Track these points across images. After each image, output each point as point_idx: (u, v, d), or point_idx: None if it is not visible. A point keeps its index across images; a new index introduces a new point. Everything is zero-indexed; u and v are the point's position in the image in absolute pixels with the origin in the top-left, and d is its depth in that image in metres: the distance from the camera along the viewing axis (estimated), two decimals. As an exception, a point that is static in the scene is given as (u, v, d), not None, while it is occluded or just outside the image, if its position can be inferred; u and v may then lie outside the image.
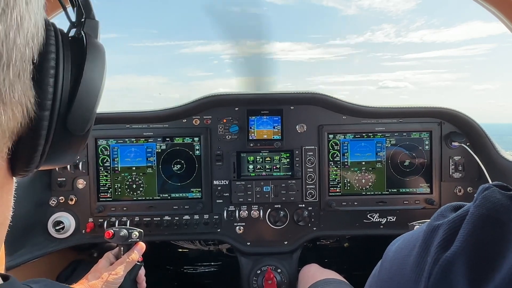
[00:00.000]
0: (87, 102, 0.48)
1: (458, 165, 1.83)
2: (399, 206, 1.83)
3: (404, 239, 0.61)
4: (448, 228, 0.48)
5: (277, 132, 1.81)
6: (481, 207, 0.46)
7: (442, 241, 0.47)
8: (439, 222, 0.51)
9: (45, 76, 0.42)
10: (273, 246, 1.85)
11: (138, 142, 1.82)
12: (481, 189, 0.49)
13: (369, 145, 1.85)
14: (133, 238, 1.36)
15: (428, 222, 0.54)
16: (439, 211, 0.55)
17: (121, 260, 1.30)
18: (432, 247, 0.48)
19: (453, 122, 1.83)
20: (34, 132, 0.42)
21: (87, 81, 0.48)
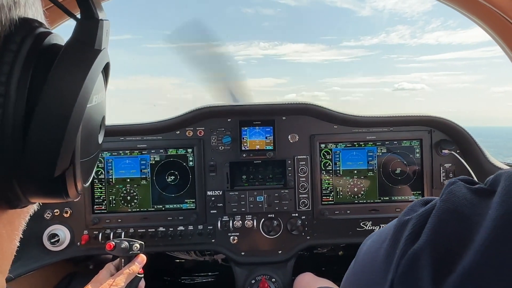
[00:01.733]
0: (47, 139, 0.38)
1: (449, 172, 1.85)
2: (392, 214, 1.85)
3: (376, 234, 0.63)
4: (416, 222, 0.50)
5: (270, 143, 1.83)
6: (447, 202, 0.48)
7: (410, 234, 0.49)
8: (409, 216, 0.52)
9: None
10: (267, 256, 1.86)
11: (132, 154, 1.84)
12: (447, 183, 0.51)
13: (360, 153, 1.87)
14: (134, 250, 1.37)
15: (398, 217, 0.55)
16: (409, 206, 0.56)
17: (121, 272, 1.31)
18: (401, 240, 0.50)
19: (442, 130, 1.86)
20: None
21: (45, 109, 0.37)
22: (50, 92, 0.37)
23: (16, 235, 0.47)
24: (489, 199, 0.46)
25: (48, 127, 0.37)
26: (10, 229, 0.45)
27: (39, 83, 0.37)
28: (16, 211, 0.45)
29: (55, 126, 0.37)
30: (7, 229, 0.44)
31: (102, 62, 0.44)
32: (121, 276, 1.28)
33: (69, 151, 0.40)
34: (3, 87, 0.34)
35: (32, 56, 0.37)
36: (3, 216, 0.43)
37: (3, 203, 0.41)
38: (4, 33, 0.36)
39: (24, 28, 0.38)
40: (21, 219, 0.48)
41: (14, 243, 0.46)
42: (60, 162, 0.39)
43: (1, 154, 0.36)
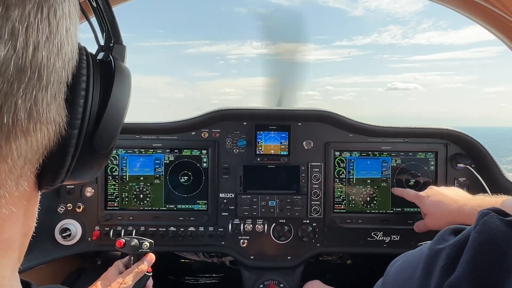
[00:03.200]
0: (113, 122, 0.50)
1: (463, 186, 1.84)
2: (403, 226, 1.84)
3: (405, 259, 0.62)
4: (450, 252, 0.49)
5: (284, 148, 1.83)
6: (482, 233, 0.48)
7: (445, 265, 0.49)
8: (441, 246, 0.52)
9: (76, 97, 0.44)
10: (276, 261, 1.86)
11: (147, 152, 1.84)
12: (480, 214, 0.51)
13: (374, 163, 1.87)
14: (143, 248, 1.37)
15: (429, 245, 0.55)
16: (439, 235, 0.56)
17: (130, 270, 1.31)
18: (435, 271, 0.50)
19: (458, 143, 1.85)
20: (63, 149, 0.44)
21: (114, 102, 0.50)
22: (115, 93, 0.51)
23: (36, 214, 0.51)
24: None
25: (113, 117, 0.50)
26: (35, 210, 0.49)
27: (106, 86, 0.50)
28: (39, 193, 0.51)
29: (118, 116, 0.51)
30: (35, 209, 0.49)
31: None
32: (130, 274, 1.29)
33: (118, 134, 0.54)
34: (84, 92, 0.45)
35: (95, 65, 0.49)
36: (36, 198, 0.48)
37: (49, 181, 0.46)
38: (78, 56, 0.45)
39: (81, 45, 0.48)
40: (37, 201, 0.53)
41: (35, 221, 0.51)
42: (114, 140, 0.52)
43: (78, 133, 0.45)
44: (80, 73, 0.45)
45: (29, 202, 0.45)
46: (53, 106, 0.39)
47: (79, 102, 0.45)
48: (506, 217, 0.49)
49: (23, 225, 0.46)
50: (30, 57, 0.33)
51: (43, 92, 0.37)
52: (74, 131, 0.45)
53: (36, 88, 0.35)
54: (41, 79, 0.36)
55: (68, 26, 0.39)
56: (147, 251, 1.38)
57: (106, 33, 0.59)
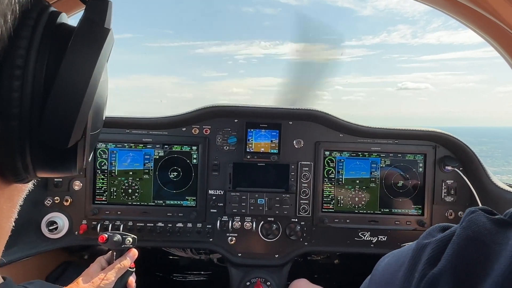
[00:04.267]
0: (64, 110, 0.40)
1: (451, 189, 1.86)
2: (391, 226, 1.85)
3: (394, 255, 0.64)
4: (435, 247, 0.51)
5: (275, 146, 1.83)
6: (467, 229, 0.49)
7: (429, 258, 0.50)
8: (427, 240, 0.53)
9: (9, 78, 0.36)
10: (264, 259, 1.86)
11: (136, 147, 1.84)
12: (467, 212, 0.52)
13: (364, 164, 1.88)
14: (126, 244, 1.36)
15: (417, 240, 0.56)
16: (427, 231, 0.57)
17: (112, 266, 1.30)
18: (420, 264, 0.51)
19: (447, 146, 1.87)
20: (6, 144, 0.38)
21: (63, 83, 0.39)
22: (68, 67, 0.39)
23: (14, 213, 0.47)
24: (509, 230, 0.47)
25: (66, 98, 0.39)
26: (9, 206, 0.45)
27: (57, 57, 0.39)
28: (17, 187, 0.46)
29: (73, 97, 0.40)
30: (7, 205, 0.45)
31: (111, 41, 0.46)
32: (112, 270, 1.27)
33: (83, 123, 0.43)
34: (22, 60, 0.36)
35: (48, 32, 0.40)
36: (5, 191, 0.44)
37: (10, 175, 0.42)
38: (22, 9, 0.37)
39: (38, 5, 0.40)
40: (20, 196, 0.48)
41: (11, 221, 0.47)
42: (75, 133, 0.41)
43: (18, 124, 0.37)
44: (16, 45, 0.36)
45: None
46: None
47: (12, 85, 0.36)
48: (492, 215, 0.51)
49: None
50: None
51: None
52: (12, 123, 0.37)
53: None
54: None
55: None
56: (130, 247, 1.37)
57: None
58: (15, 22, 0.37)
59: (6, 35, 0.36)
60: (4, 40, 0.36)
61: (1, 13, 0.35)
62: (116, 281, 1.27)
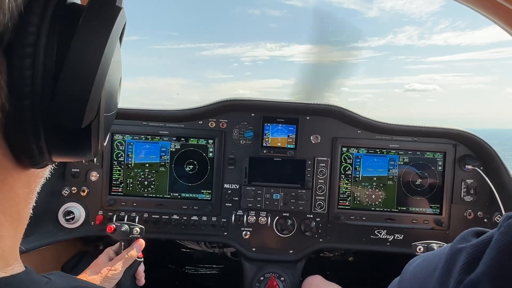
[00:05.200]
0: (76, 88, 0.39)
1: (470, 188, 1.82)
2: (408, 225, 1.83)
3: (425, 259, 0.62)
4: (472, 252, 0.49)
5: (291, 141, 1.82)
6: (506, 235, 0.47)
7: (466, 264, 0.48)
8: (462, 245, 0.51)
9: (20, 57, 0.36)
10: (278, 254, 1.85)
11: (153, 140, 1.84)
12: (505, 217, 0.50)
13: (381, 161, 1.85)
14: (134, 234, 1.37)
15: (450, 245, 0.54)
16: (461, 235, 0.55)
17: (120, 256, 1.31)
18: (455, 270, 0.49)
19: (468, 145, 1.83)
20: (20, 125, 0.38)
21: (74, 60, 0.38)
22: (79, 44, 0.38)
23: (32, 199, 0.47)
24: None
25: (78, 77, 0.38)
26: (27, 191, 0.45)
27: (68, 35, 0.38)
28: (34, 172, 0.46)
29: (85, 76, 0.38)
30: (25, 191, 0.44)
31: (123, 20, 0.45)
32: (120, 261, 1.29)
33: (96, 102, 0.41)
34: (33, 37, 0.35)
35: (59, 10, 0.39)
36: (23, 176, 0.43)
37: (26, 159, 0.41)
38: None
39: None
40: (37, 182, 0.48)
41: (29, 207, 0.47)
42: (88, 112, 0.40)
43: (31, 104, 0.37)
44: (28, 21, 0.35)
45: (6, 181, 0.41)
46: None
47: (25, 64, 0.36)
48: None
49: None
50: None
51: None
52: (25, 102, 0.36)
53: None
54: None
55: None
56: (138, 237, 1.38)
57: None
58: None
59: (17, 12, 0.35)
60: (15, 17, 0.35)
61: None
62: (124, 271, 1.28)
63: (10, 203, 0.42)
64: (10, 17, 0.34)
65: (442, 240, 1.57)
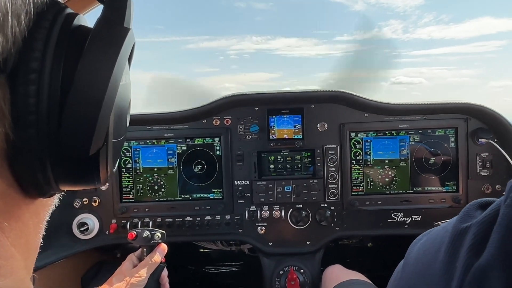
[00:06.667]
0: (84, 115, 0.37)
1: (486, 162, 1.77)
2: (425, 205, 1.79)
3: (427, 239, 0.56)
4: (477, 231, 0.44)
5: (298, 131, 1.79)
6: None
7: (472, 245, 0.43)
8: (467, 224, 0.46)
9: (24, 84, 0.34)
10: (295, 247, 1.83)
11: (159, 143, 1.82)
12: (510, 186, 0.44)
13: (392, 143, 1.81)
14: (155, 239, 1.36)
15: (453, 223, 0.49)
16: (464, 210, 0.50)
17: (144, 262, 1.30)
18: (461, 252, 0.44)
19: (479, 118, 1.78)
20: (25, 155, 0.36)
21: (81, 86, 0.37)
22: (85, 68, 0.37)
23: (41, 228, 0.46)
24: None
25: (85, 103, 0.37)
26: (36, 221, 0.44)
27: (73, 60, 0.37)
28: (42, 201, 0.45)
29: (92, 102, 0.37)
30: (34, 221, 0.43)
31: (131, 41, 0.43)
32: (144, 267, 1.28)
33: (104, 129, 0.40)
34: (37, 63, 0.34)
35: (65, 34, 0.38)
36: (31, 206, 0.42)
37: (33, 190, 0.40)
38: (36, 10, 0.35)
39: (54, 7, 0.38)
40: (46, 211, 0.47)
41: (38, 237, 0.45)
42: (96, 140, 0.39)
43: (36, 133, 0.35)
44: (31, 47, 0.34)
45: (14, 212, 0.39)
46: None
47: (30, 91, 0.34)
48: None
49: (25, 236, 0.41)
50: None
51: None
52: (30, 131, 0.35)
53: None
54: None
55: None
56: (159, 242, 1.37)
57: None
58: (30, 24, 0.35)
59: (20, 37, 0.34)
60: (18, 42, 0.33)
61: (15, 14, 0.33)
62: (148, 277, 1.28)
63: (20, 235, 0.41)
64: (14, 42, 0.33)
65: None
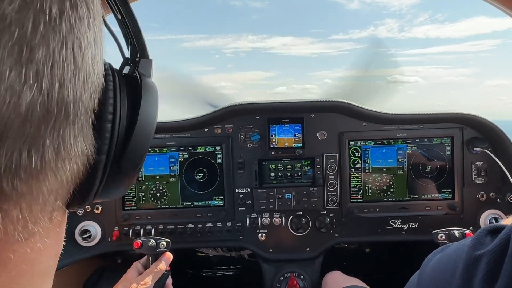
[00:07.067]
0: (141, 142, 0.48)
1: (481, 170, 1.82)
2: (421, 212, 1.83)
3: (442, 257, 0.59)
4: (490, 260, 0.46)
5: (298, 140, 1.82)
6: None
7: (486, 274, 0.46)
8: (480, 252, 0.49)
9: (104, 122, 0.42)
10: (295, 253, 1.87)
11: (161, 151, 1.84)
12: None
13: (390, 151, 1.85)
14: (160, 248, 1.39)
15: (466, 250, 0.52)
16: (475, 238, 0.53)
17: (149, 271, 1.33)
18: (475, 281, 0.47)
19: (474, 127, 1.82)
20: (90, 175, 0.42)
21: (142, 122, 0.48)
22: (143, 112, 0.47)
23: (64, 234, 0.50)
24: None
25: (142, 138, 0.47)
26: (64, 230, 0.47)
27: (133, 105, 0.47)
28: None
29: (146, 135, 0.48)
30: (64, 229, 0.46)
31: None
32: (150, 275, 1.30)
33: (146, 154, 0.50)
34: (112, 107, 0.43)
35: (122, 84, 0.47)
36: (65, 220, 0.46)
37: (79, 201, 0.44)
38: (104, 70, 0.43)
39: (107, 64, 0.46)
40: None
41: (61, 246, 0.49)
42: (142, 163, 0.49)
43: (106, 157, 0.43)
44: (107, 96, 0.42)
45: (60, 228, 0.44)
46: (80, 139, 0.37)
47: (107, 128, 0.43)
48: None
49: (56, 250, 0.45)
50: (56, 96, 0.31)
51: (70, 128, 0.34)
52: (102, 157, 0.42)
53: (63, 125, 0.33)
54: (68, 115, 0.33)
55: (93, 54, 0.36)
56: (165, 250, 1.40)
57: (131, 47, 0.57)
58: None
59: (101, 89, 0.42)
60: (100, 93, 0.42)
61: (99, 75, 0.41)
62: (153, 285, 1.30)
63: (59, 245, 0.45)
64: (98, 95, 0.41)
65: (457, 224, 1.57)
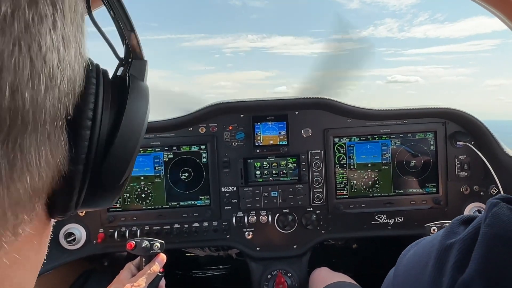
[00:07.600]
0: (124, 152, 0.44)
1: (464, 164, 1.84)
2: (407, 207, 1.85)
3: (416, 251, 0.61)
4: (461, 248, 0.48)
5: (283, 138, 1.82)
6: (492, 227, 0.46)
7: (457, 261, 0.47)
8: (451, 240, 0.50)
9: (81, 129, 0.39)
10: (283, 251, 1.87)
11: (145, 152, 1.83)
12: (489, 205, 0.49)
13: (374, 147, 1.86)
14: (154, 249, 1.38)
15: (439, 239, 0.53)
16: (448, 227, 0.54)
17: (142, 272, 1.32)
18: (447, 268, 0.48)
19: (457, 121, 1.84)
20: (67, 185, 0.40)
21: (126, 129, 0.44)
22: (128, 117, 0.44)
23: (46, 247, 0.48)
24: None
25: (125, 145, 0.44)
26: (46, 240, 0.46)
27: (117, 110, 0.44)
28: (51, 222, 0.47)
29: (131, 143, 0.45)
30: (48, 239, 0.45)
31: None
32: (143, 276, 1.30)
33: (133, 163, 0.47)
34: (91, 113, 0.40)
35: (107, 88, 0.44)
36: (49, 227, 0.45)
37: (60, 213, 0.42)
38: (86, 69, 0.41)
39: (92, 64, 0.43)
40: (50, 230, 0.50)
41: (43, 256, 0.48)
42: (127, 173, 0.46)
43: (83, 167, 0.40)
44: (87, 101, 0.40)
45: (42, 235, 0.42)
46: (45, 149, 0.34)
47: (85, 135, 0.39)
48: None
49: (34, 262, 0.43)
50: (7, 104, 0.28)
51: (31, 137, 0.31)
52: (79, 167, 0.40)
53: (20, 136, 0.30)
54: (26, 124, 0.30)
55: (61, 57, 0.33)
56: (158, 252, 1.39)
57: (125, 47, 0.55)
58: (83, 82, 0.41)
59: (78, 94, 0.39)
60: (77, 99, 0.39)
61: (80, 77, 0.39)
62: (146, 286, 1.29)
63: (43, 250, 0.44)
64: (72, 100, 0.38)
65: (442, 218, 1.59)
